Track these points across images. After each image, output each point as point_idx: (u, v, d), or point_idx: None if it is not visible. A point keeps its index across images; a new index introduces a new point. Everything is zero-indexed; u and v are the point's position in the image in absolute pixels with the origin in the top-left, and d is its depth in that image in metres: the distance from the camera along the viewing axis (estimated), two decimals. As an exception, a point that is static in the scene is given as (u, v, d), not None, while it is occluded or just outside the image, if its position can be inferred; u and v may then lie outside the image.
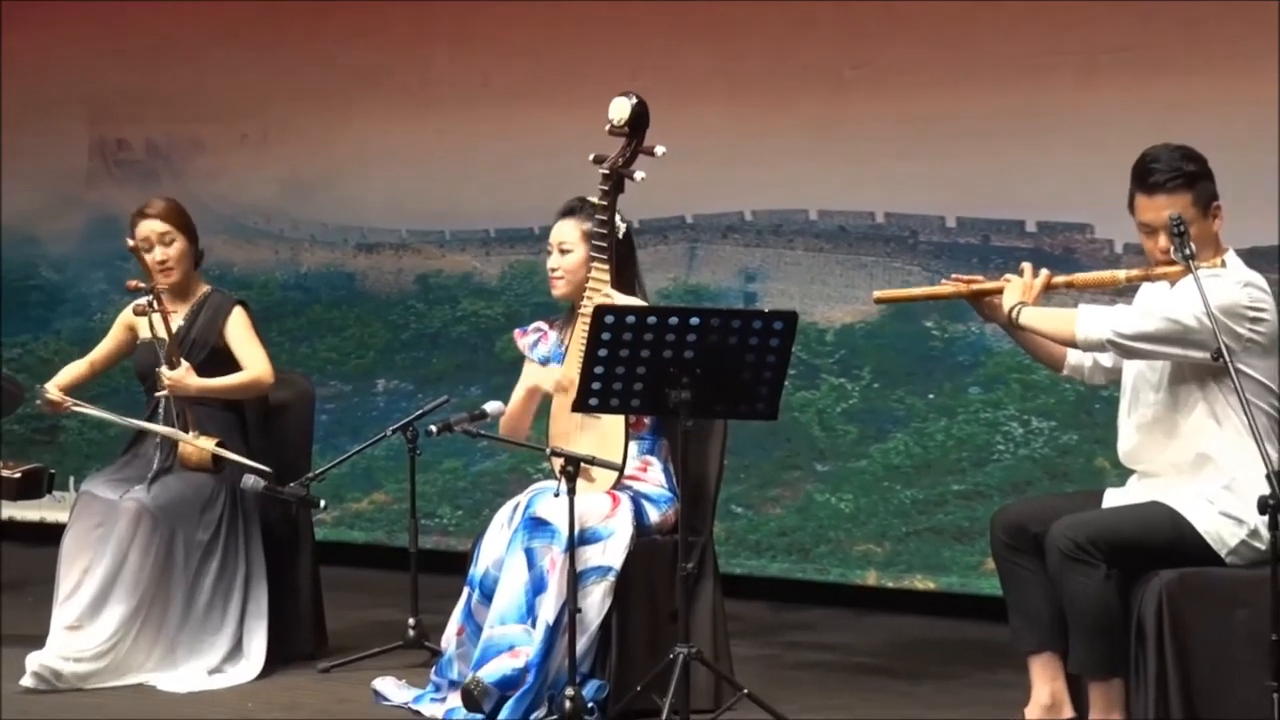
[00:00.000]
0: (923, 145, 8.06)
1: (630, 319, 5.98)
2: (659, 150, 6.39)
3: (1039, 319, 5.84)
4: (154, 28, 9.68)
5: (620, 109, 6.38)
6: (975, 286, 5.97)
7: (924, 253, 8.12)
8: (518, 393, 6.68)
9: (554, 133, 8.55)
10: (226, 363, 7.11)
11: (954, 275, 6.10)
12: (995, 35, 7.90)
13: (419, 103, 9.14)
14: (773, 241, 8.46)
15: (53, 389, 7.16)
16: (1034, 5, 7.82)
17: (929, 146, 8.05)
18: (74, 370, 7.31)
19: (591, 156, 6.42)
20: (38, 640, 6.81)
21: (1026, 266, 5.91)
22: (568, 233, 6.60)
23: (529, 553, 6.22)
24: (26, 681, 6.68)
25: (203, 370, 7.03)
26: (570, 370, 6.33)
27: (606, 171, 6.41)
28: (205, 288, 7.24)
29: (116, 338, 7.29)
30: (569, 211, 6.62)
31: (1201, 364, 5.58)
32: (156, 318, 6.95)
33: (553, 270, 6.64)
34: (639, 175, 6.42)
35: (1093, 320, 5.72)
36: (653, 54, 8.37)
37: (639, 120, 6.38)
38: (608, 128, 6.39)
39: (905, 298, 6.78)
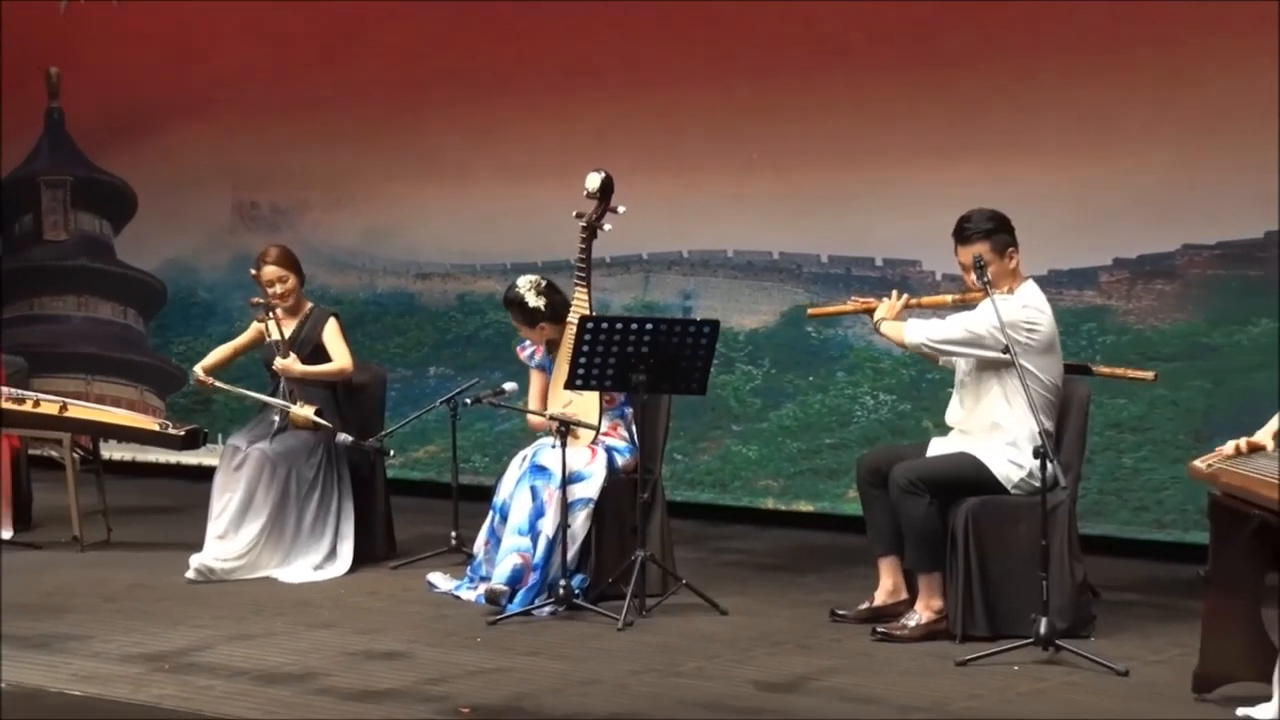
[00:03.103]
0: (805, 206, 8.04)
1: (604, 325, 5.99)
2: (620, 209, 6.38)
3: (889, 329, 5.92)
4: (277, 125, 9.62)
5: (593, 181, 6.37)
6: (866, 306, 6.04)
7: (806, 280, 8.11)
8: (533, 395, 6.65)
9: (551, 196, 8.45)
10: (325, 357, 7.09)
11: (854, 297, 6.26)
12: (851, 133, 7.86)
13: (460, 176, 9.07)
14: (702, 272, 8.43)
15: (199, 372, 7.11)
16: (874, 107, 7.78)
17: (810, 207, 8.03)
18: (220, 352, 7.26)
19: (574, 213, 6.41)
20: (198, 546, 6.82)
21: (894, 292, 5.98)
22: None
23: (533, 489, 6.21)
24: (189, 575, 6.69)
25: (308, 362, 7.03)
26: (562, 367, 6.30)
27: (584, 225, 6.41)
28: (309, 305, 7.20)
29: (250, 336, 7.26)
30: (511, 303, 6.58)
31: (997, 359, 5.61)
32: (272, 323, 6.95)
33: None
34: (607, 227, 6.42)
35: (915, 330, 5.81)
36: (617, 140, 8.33)
37: (606, 189, 6.37)
38: (585, 193, 6.37)
39: (827, 313, 6.69)
